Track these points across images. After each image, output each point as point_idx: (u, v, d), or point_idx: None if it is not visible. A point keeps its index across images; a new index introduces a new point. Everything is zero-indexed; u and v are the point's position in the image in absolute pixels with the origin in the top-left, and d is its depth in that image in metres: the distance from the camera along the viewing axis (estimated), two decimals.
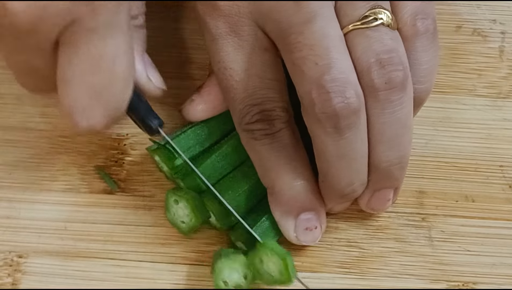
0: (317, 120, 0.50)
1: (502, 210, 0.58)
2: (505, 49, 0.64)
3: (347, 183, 0.52)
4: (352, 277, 0.56)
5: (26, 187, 0.58)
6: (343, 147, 0.50)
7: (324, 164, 0.52)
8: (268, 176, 0.54)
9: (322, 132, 0.50)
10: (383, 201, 0.56)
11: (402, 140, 0.52)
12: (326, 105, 0.49)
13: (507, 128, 0.61)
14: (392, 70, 0.50)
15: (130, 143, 0.60)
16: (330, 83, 0.49)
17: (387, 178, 0.54)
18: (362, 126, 0.50)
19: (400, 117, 0.51)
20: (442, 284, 0.56)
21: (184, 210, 0.56)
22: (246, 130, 0.53)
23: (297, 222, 0.54)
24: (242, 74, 0.52)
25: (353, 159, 0.51)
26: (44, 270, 0.56)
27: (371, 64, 0.50)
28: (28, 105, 0.61)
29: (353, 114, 0.49)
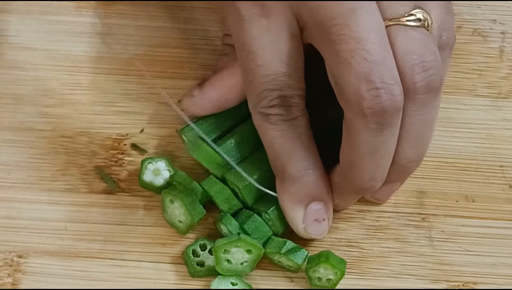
0: (361, 114, 0.49)
1: (502, 210, 0.58)
2: (505, 49, 0.64)
3: (370, 178, 0.52)
4: (352, 277, 0.56)
5: (26, 187, 0.58)
6: (379, 143, 0.50)
7: (354, 157, 0.51)
8: (279, 161, 0.53)
9: (363, 126, 0.49)
10: (389, 193, 0.57)
11: (426, 140, 0.53)
12: (375, 101, 0.48)
13: (507, 128, 0.61)
14: (432, 74, 0.50)
15: (130, 143, 0.60)
16: (379, 79, 0.49)
17: (401, 173, 0.54)
18: (398, 125, 0.51)
19: (429, 119, 0.52)
20: (442, 284, 0.56)
21: (180, 209, 0.56)
22: (262, 113, 0.52)
23: (306, 212, 0.54)
24: (265, 58, 0.52)
25: (383, 156, 0.51)
26: (44, 270, 0.56)
27: (414, 66, 0.50)
28: (28, 105, 0.61)
29: (397, 112, 0.50)
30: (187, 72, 0.62)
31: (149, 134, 0.60)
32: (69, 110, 0.61)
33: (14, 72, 0.62)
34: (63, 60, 0.63)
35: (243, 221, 0.55)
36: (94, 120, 0.60)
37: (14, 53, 0.63)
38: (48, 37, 0.63)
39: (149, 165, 0.58)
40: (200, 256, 0.56)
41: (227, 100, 0.57)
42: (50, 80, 0.62)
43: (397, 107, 0.49)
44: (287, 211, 0.54)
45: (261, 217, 0.55)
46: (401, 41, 0.50)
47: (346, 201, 0.56)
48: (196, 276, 0.55)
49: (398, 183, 0.57)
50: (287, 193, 0.54)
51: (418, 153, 0.53)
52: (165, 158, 0.58)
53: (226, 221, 0.55)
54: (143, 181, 0.57)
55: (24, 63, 0.62)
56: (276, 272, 0.56)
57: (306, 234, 0.54)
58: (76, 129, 0.60)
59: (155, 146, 0.60)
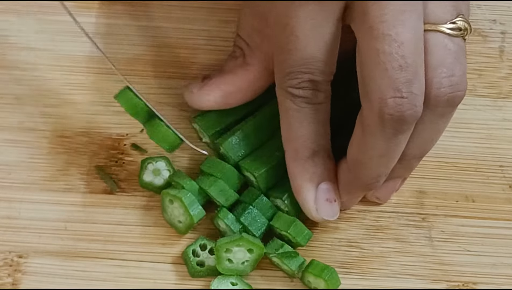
0: (380, 118, 0.49)
1: (502, 210, 0.58)
2: (505, 49, 0.64)
3: (376, 175, 0.53)
4: (352, 277, 0.56)
5: (26, 187, 0.58)
6: (391, 148, 0.51)
7: (362, 157, 0.52)
8: (294, 141, 0.54)
9: (379, 130, 0.50)
10: (391, 191, 0.57)
11: (434, 142, 0.54)
12: (397, 109, 0.49)
13: (507, 128, 0.61)
14: (458, 90, 0.51)
15: (130, 143, 0.60)
16: (407, 89, 0.49)
17: (404, 169, 0.55)
18: (411, 131, 0.51)
19: (441, 127, 0.53)
20: (442, 284, 0.56)
21: (179, 210, 0.56)
22: (289, 92, 0.52)
23: (317, 192, 0.54)
24: (305, 43, 0.51)
25: (392, 158, 0.52)
26: (44, 270, 0.56)
27: (442, 80, 0.50)
28: (28, 105, 0.61)
29: (414, 121, 0.50)
30: (187, 72, 0.62)
31: None
32: (69, 110, 0.61)
33: (14, 72, 0.62)
34: (63, 60, 0.63)
35: (239, 213, 0.55)
36: (94, 120, 0.60)
37: (14, 53, 0.63)
38: (48, 37, 0.63)
39: (149, 165, 0.58)
40: (200, 256, 0.56)
41: (224, 104, 0.57)
42: (50, 80, 0.62)
43: (416, 117, 0.50)
44: (298, 190, 0.54)
45: (276, 204, 0.56)
46: (436, 52, 0.51)
47: (351, 198, 0.56)
48: (196, 276, 0.55)
49: (400, 180, 0.57)
50: (297, 172, 0.54)
51: (424, 152, 0.55)
52: (165, 158, 0.58)
53: (222, 215, 0.55)
54: (143, 181, 0.57)
55: (24, 63, 0.62)
56: (276, 272, 0.56)
57: (318, 216, 0.54)
58: (76, 129, 0.60)
59: (155, 146, 0.60)
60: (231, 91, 0.57)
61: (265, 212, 0.56)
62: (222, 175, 0.56)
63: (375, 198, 0.57)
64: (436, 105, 0.51)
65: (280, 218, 0.56)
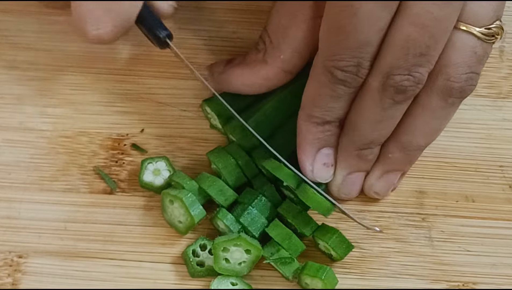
0: (383, 87, 0.52)
1: (502, 210, 0.58)
2: (505, 49, 0.64)
3: (368, 141, 0.55)
4: (352, 277, 0.56)
5: (26, 187, 0.58)
6: (386, 116, 0.54)
7: (358, 120, 0.54)
8: (314, 107, 0.54)
9: (379, 98, 0.53)
10: (389, 185, 0.57)
11: (438, 132, 0.56)
12: (401, 84, 0.52)
13: (507, 128, 0.61)
14: (471, 84, 0.53)
15: (130, 143, 0.60)
16: (417, 71, 0.52)
17: (405, 161, 0.56)
18: (408, 104, 0.54)
19: (449, 118, 0.55)
20: (442, 284, 0.56)
21: (180, 210, 0.56)
22: (331, 72, 0.53)
23: (318, 155, 0.56)
24: (365, 26, 0.52)
25: (385, 127, 0.54)
26: (44, 270, 0.56)
27: (462, 76, 0.53)
28: (28, 105, 0.61)
29: (412, 96, 0.53)
30: (187, 72, 0.62)
31: (149, 134, 0.60)
32: (69, 110, 0.61)
33: (14, 72, 0.62)
34: (63, 60, 0.63)
35: (238, 214, 0.56)
36: (94, 120, 0.61)
37: (14, 53, 0.63)
38: (48, 37, 0.63)
39: (149, 165, 0.58)
40: (200, 256, 0.56)
41: (240, 91, 0.58)
42: (50, 80, 0.62)
43: (415, 93, 0.53)
44: (300, 149, 0.56)
45: (287, 195, 0.57)
46: (463, 52, 0.52)
47: (347, 164, 0.56)
48: (196, 276, 0.55)
49: (399, 174, 0.57)
50: (305, 132, 0.55)
51: (428, 142, 0.56)
52: (165, 158, 0.58)
53: (221, 215, 0.55)
54: (143, 181, 0.58)
55: (24, 63, 0.62)
56: (276, 272, 0.56)
57: (312, 177, 0.56)
58: (76, 129, 0.60)
59: (155, 146, 0.60)
60: (247, 83, 0.58)
61: (264, 213, 0.56)
62: (224, 168, 0.56)
63: (374, 193, 0.57)
64: (449, 94, 0.53)
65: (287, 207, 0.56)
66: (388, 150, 0.56)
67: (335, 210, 0.56)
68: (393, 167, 0.56)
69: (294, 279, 0.55)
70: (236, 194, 0.56)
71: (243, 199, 0.56)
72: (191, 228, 0.56)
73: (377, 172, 0.57)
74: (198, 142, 0.60)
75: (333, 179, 0.57)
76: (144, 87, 0.62)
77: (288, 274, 0.55)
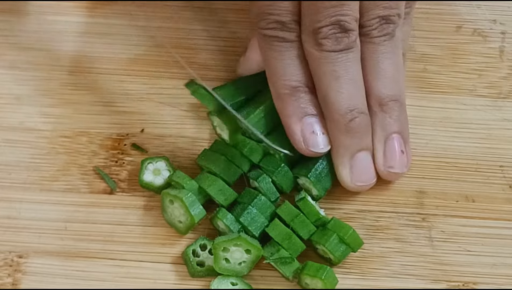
0: (317, 44, 0.55)
1: (502, 210, 0.58)
2: (505, 49, 0.64)
3: (346, 108, 0.56)
4: (352, 277, 0.56)
5: (26, 187, 0.58)
6: (340, 69, 0.55)
7: (323, 87, 0.56)
8: (274, 79, 0.57)
9: (322, 55, 0.55)
10: (398, 154, 0.57)
11: (396, 80, 0.57)
12: (330, 32, 0.54)
13: (507, 128, 0.61)
14: (390, 13, 0.56)
15: (130, 143, 0.60)
16: (341, 20, 0.55)
17: (390, 118, 0.57)
18: (355, 55, 0.56)
19: (393, 58, 0.57)
20: (442, 284, 0.56)
21: (180, 210, 0.56)
22: (261, 34, 0.56)
23: (303, 125, 0.56)
24: None
25: (348, 83, 0.56)
26: (44, 270, 0.56)
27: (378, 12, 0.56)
28: (28, 105, 0.61)
29: (350, 44, 0.55)
30: (187, 72, 0.62)
31: (149, 134, 0.60)
32: (69, 110, 0.61)
33: (14, 72, 0.62)
34: (63, 60, 0.63)
35: (238, 214, 0.56)
36: (94, 120, 0.61)
37: (14, 53, 0.63)
38: (48, 37, 0.63)
39: (149, 165, 0.58)
40: (200, 256, 0.56)
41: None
42: (50, 80, 0.62)
43: (352, 39, 0.55)
44: (285, 126, 0.57)
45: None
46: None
47: (344, 147, 0.57)
48: (196, 276, 0.55)
49: (399, 137, 0.57)
50: (281, 109, 0.57)
51: (394, 90, 0.57)
52: (165, 158, 0.58)
53: (221, 215, 0.55)
54: (143, 181, 0.57)
55: (24, 63, 0.62)
56: (276, 272, 0.56)
57: (305, 148, 0.57)
58: (76, 129, 0.60)
59: (155, 146, 0.60)
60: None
61: (264, 212, 0.56)
62: (216, 167, 0.56)
63: (390, 169, 0.57)
64: (384, 29, 0.56)
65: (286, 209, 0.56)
66: (371, 118, 0.57)
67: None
68: (386, 132, 0.57)
69: (294, 279, 0.55)
70: (236, 194, 0.56)
71: (243, 198, 0.56)
72: (191, 228, 0.56)
73: (379, 148, 0.57)
74: (198, 142, 0.60)
75: (341, 170, 0.57)
76: (144, 87, 0.62)
77: (288, 274, 0.55)
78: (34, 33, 0.64)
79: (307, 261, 0.55)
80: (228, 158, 0.57)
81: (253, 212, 0.56)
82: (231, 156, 0.57)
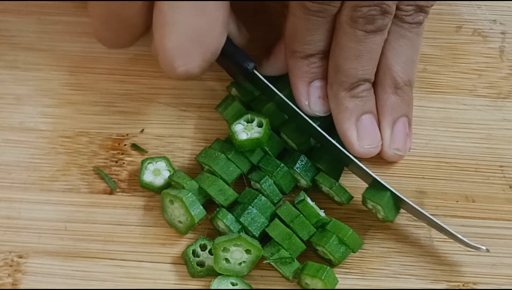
0: (352, 19, 0.55)
1: (502, 210, 0.58)
2: (505, 49, 0.64)
3: (355, 79, 0.57)
4: (352, 277, 0.56)
5: (26, 187, 0.58)
6: (364, 49, 0.56)
7: (340, 59, 0.56)
8: (297, 42, 0.57)
9: (352, 31, 0.55)
10: (403, 136, 0.58)
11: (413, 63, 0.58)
12: (369, 13, 0.54)
13: (507, 128, 0.61)
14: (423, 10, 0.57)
15: (130, 143, 0.60)
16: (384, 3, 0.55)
17: (402, 102, 0.58)
18: (382, 37, 0.56)
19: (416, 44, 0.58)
20: (442, 284, 0.56)
21: (180, 210, 0.56)
22: (303, 4, 0.55)
23: (310, 88, 0.58)
24: None
25: (367, 61, 0.57)
26: (44, 270, 0.56)
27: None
28: (28, 105, 0.61)
29: (383, 26, 0.55)
30: None
31: (149, 134, 0.60)
32: (69, 110, 0.61)
33: (14, 72, 0.62)
34: (63, 60, 0.63)
35: (238, 214, 0.56)
36: (94, 120, 0.61)
37: (14, 53, 0.63)
38: (48, 37, 0.63)
39: (149, 165, 0.58)
40: (200, 256, 0.56)
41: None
42: (50, 80, 0.62)
43: (385, 22, 0.55)
44: (293, 86, 0.58)
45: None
46: None
47: (348, 110, 0.57)
48: (196, 276, 0.55)
49: (406, 119, 0.58)
50: (292, 69, 0.58)
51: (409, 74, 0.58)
52: (165, 158, 0.58)
53: (221, 215, 0.55)
54: (143, 181, 0.57)
55: (24, 63, 0.62)
56: (276, 272, 0.56)
57: (311, 111, 0.58)
58: (76, 129, 0.60)
59: (155, 146, 0.60)
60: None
61: (264, 212, 0.56)
62: (215, 164, 0.57)
63: (395, 150, 0.58)
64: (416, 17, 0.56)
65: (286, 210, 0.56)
66: (384, 98, 0.58)
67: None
68: (397, 114, 0.58)
69: (294, 279, 0.55)
70: (236, 194, 0.56)
71: (243, 199, 0.56)
72: (191, 228, 0.56)
73: (387, 128, 0.58)
74: (198, 142, 0.60)
75: (349, 135, 0.57)
76: (144, 87, 0.62)
77: (288, 274, 0.55)
78: (34, 33, 0.64)
79: (307, 261, 0.55)
80: (228, 157, 0.57)
81: (253, 212, 0.56)
82: (231, 155, 0.57)
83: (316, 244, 0.55)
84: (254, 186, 0.58)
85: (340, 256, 0.55)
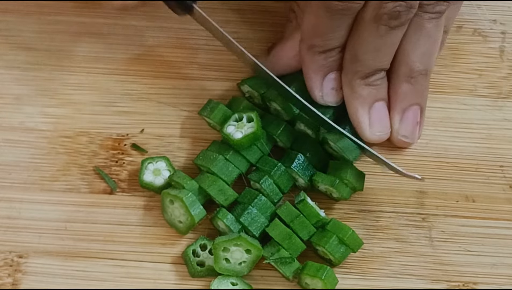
0: (377, 16, 0.55)
1: (503, 210, 0.58)
2: (505, 49, 0.64)
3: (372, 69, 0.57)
4: (352, 277, 0.56)
5: (26, 187, 0.58)
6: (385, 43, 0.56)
7: (359, 51, 0.57)
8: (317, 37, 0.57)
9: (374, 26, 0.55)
10: (413, 124, 0.59)
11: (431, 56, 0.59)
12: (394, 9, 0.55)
13: (507, 128, 0.61)
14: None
15: (130, 143, 0.60)
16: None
17: (416, 91, 0.59)
18: (403, 31, 0.57)
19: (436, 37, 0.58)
20: (443, 284, 0.56)
21: (180, 210, 0.56)
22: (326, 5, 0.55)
23: (325, 81, 0.58)
24: None
25: (386, 54, 0.57)
26: (44, 270, 0.56)
27: None
28: (28, 105, 0.61)
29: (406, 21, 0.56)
30: (187, 72, 0.62)
31: (149, 134, 0.60)
32: (69, 110, 0.61)
33: (14, 72, 0.62)
34: (63, 60, 0.63)
35: (239, 214, 0.56)
36: (94, 120, 0.61)
37: (14, 53, 0.63)
38: (48, 37, 0.63)
39: (149, 165, 0.58)
40: (200, 256, 0.56)
41: (289, 66, 0.60)
42: (50, 80, 0.62)
43: (408, 17, 0.55)
44: (307, 77, 0.58)
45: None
46: None
47: (362, 98, 0.58)
48: (196, 276, 0.55)
49: (418, 109, 0.59)
50: (308, 61, 0.58)
51: (426, 66, 0.58)
52: (165, 158, 0.58)
53: (221, 215, 0.55)
54: (143, 181, 0.57)
55: (24, 63, 0.62)
56: (276, 272, 0.56)
57: (323, 102, 0.59)
58: (76, 129, 0.60)
59: (155, 146, 0.60)
60: (293, 55, 0.59)
61: (264, 212, 0.56)
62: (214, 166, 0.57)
63: (403, 137, 0.59)
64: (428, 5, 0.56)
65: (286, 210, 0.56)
66: (396, 86, 0.58)
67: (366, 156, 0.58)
68: (408, 102, 0.59)
69: (294, 279, 0.55)
70: (236, 194, 0.56)
71: (243, 198, 0.56)
72: (191, 228, 0.56)
73: (397, 115, 0.59)
74: (198, 142, 0.60)
75: (362, 122, 0.58)
76: (144, 87, 0.62)
77: (288, 274, 0.55)
78: (34, 33, 0.64)
79: (307, 261, 0.55)
80: (226, 158, 0.57)
81: (253, 212, 0.56)
82: (228, 156, 0.57)
83: (316, 244, 0.55)
84: (254, 186, 0.58)
85: (340, 256, 0.55)
